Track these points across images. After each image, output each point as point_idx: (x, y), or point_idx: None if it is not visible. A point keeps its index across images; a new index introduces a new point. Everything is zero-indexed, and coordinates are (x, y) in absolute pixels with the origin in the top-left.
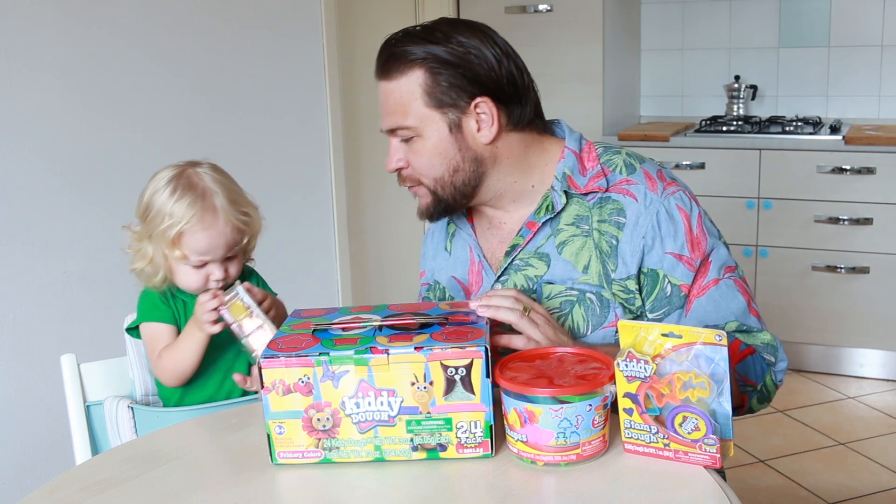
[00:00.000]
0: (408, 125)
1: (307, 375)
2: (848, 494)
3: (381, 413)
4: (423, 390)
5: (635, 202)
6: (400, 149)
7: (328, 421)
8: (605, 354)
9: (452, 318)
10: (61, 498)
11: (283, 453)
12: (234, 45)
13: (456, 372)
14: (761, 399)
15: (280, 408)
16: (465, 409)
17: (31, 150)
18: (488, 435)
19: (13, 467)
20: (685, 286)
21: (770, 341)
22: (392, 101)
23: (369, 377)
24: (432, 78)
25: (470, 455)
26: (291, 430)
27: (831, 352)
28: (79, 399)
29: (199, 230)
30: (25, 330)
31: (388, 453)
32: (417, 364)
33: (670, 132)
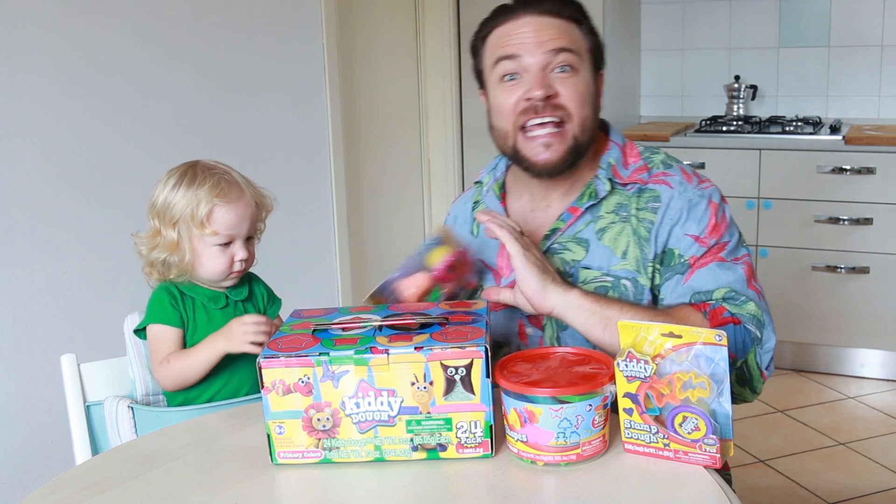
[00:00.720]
0: (576, 51)
1: (307, 375)
2: (848, 494)
3: (381, 413)
4: (423, 390)
5: (670, 188)
6: (548, 79)
7: (328, 421)
8: (605, 354)
9: (453, 318)
10: (61, 498)
11: (283, 453)
12: (234, 44)
13: (456, 372)
14: (741, 380)
15: (280, 408)
16: (465, 409)
17: (31, 149)
18: (488, 435)
19: (13, 467)
20: (693, 258)
21: (755, 313)
22: (559, 29)
23: (369, 377)
24: (589, 31)
25: (470, 455)
26: (291, 430)
27: (831, 352)
28: (79, 399)
29: (227, 203)
30: (25, 330)
31: (388, 453)
32: (417, 364)
33: (670, 132)
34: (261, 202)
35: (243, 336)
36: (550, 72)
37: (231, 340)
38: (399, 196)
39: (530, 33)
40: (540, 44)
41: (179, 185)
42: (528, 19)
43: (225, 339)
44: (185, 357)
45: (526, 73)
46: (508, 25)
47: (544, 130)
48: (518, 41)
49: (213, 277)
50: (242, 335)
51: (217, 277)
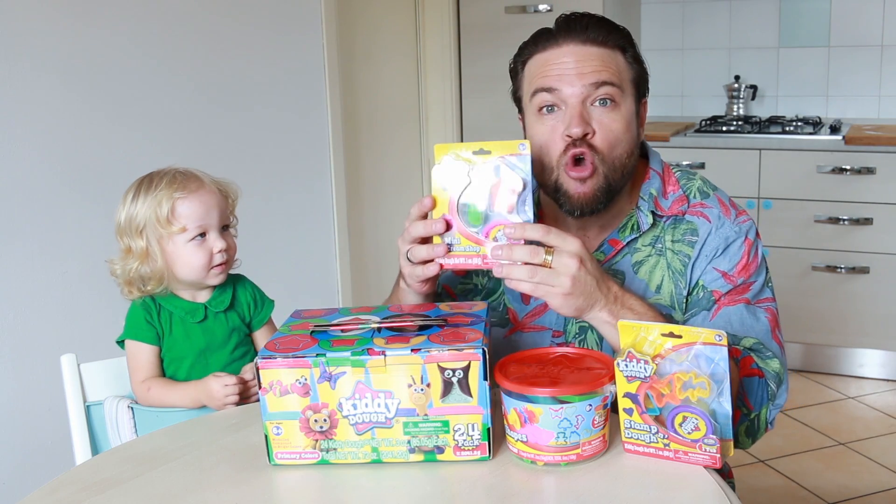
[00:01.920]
0: (618, 84)
1: (304, 376)
2: (848, 494)
3: (378, 415)
4: (421, 392)
5: (708, 223)
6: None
7: (325, 422)
8: (605, 355)
9: (451, 320)
10: (61, 498)
11: (281, 454)
12: (234, 44)
13: (453, 374)
14: (749, 431)
15: (277, 409)
16: (462, 412)
17: (31, 149)
18: (486, 437)
19: (13, 467)
20: (717, 292)
21: (779, 371)
22: (602, 60)
23: (366, 379)
24: (633, 59)
25: (467, 458)
26: (289, 431)
27: (831, 352)
28: (79, 399)
29: (188, 195)
30: (25, 330)
31: (385, 455)
32: (414, 366)
33: (670, 132)
34: (224, 190)
35: (223, 399)
36: (591, 105)
37: (210, 400)
38: (399, 196)
39: (571, 63)
40: (581, 75)
41: (136, 196)
42: (571, 48)
43: (206, 396)
44: (165, 393)
45: (565, 106)
46: (549, 53)
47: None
48: (558, 72)
49: (196, 277)
50: (222, 397)
51: (200, 275)
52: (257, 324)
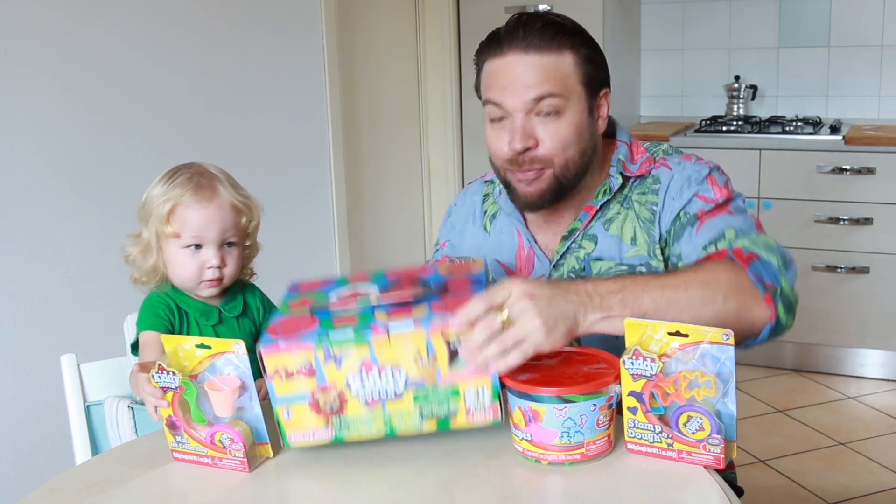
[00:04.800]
0: (561, 93)
1: (309, 360)
2: (848, 494)
3: (386, 389)
4: (428, 363)
5: (669, 170)
6: (530, 126)
7: (335, 401)
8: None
9: (452, 285)
10: (61, 498)
11: (295, 436)
12: (234, 45)
13: (458, 341)
14: (787, 306)
15: (286, 392)
16: (471, 377)
17: (31, 150)
18: (496, 397)
19: (13, 467)
20: (701, 212)
21: (770, 243)
22: (545, 70)
23: (371, 355)
24: (584, 58)
25: (480, 421)
26: (299, 414)
27: (831, 352)
28: (79, 399)
29: (193, 203)
30: (25, 330)
31: (398, 427)
32: (419, 338)
33: (670, 132)
34: (241, 207)
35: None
36: (535, 115)
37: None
38: (399, 196)
39: (514, 77)
40: (524, 89)
41: (161, 181)
42: (514, 58)
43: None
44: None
45: (509, 118)
46: (496, 63)
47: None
48: (501, 85)
49: (184, 285)
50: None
51: (187, 285)
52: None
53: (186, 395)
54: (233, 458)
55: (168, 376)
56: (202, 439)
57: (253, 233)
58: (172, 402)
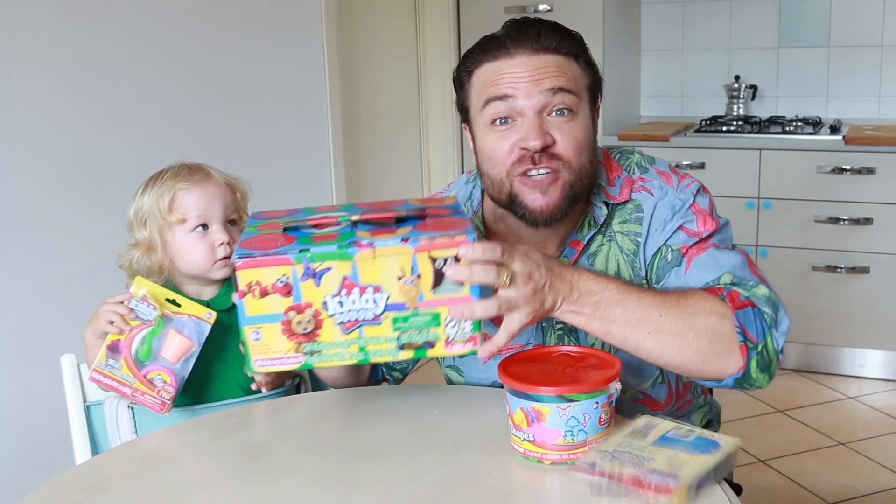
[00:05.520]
0: (575, 91)
1: (286, 275)
2: (848, 494)
3: (365, 311)
4: (411, 284)
5: (651, 196)
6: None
7: (309, 323)
8: (608, 353)
9: (430, 212)
10: (61, 498)
11: (261, 361)
12: (234, 45)
13: (444, 263)
14: (762, 365)
15: (257, 312)
16: (454, 303)
17: (31, 151)
18: (478, 328)
19: (13, 467)
20: (684, 248)
21: (769, 295)
22: (558, 67)
23: (353, 273)
24: (587, 65)
25: (458, 351)
26: (269, 336)
27: (831, 352)
28: (79, 399)
29: (191, 185)
30: (25, 330)
31: (373, 354)
32: (405, 257)
33: (670, 132)
34: (232, 185)
35: (104, 315)
36: (547, 115)
37: (95, 321)
38: (399, 196)
39: (525, 72)
40: (537, 82)
41: (145, 189)
42: (523, 58)
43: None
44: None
45: (520, 118)
46: (500, 63)
47: (541, 175)
48: (510, 80)
49: (198, 270)
50: (103, 314)
51: (202, 268)
52: None
53: (151, 332)
54: (156, 398)
55: (147, 307)
56: (136, 371)
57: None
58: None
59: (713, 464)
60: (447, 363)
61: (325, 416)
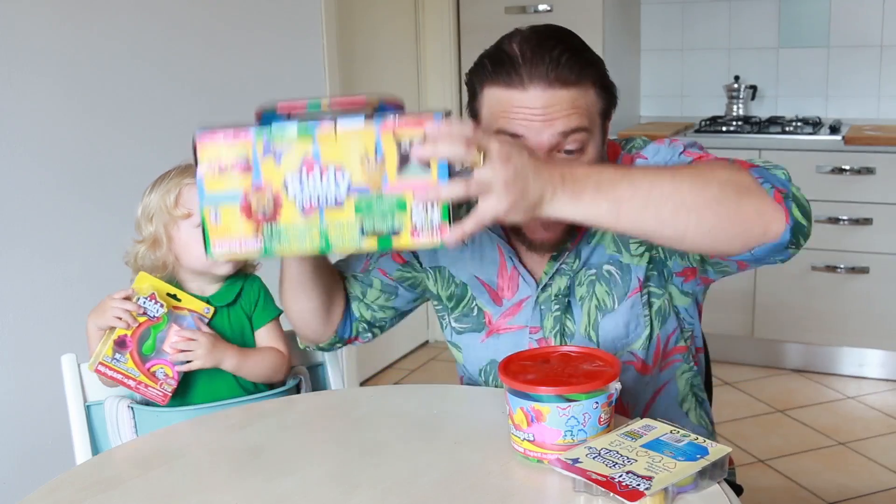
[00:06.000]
0: (587, 128)
1: (246, 153)
2: (848, 494)
3: (326, 192)
4: (375, 166)
5: (645, 160)
6: None
7: (269, 204)
8: (608, 353)
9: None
10: (61, 498)
11: (220, 243)
12: (234, 45)
13: (410, 145)
14: (803, 211)
15: (216, 189)
16: (420, 188)
17: (31, 152)
18: (446, 216)
19: (13, 467)
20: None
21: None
22: (572, 104)
23: (314, 152)
24: (602, 88)
25: (425, 241)
26: (228, 217)
27: (831, 352)
28: (79, 399)
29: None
30: (25, 330)
31: (335, 241)
32: (368, 136)
33: (670, 132)
34: None
35: (112, 311)
36: (557, 151)
37: (102, 316)
38: None
39: (538, 110)
40: (549, 123)
41: (153, 188)
42: (537, 92)
43: (96, 314)
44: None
45: None
46: (512, 94)
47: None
48: (522, 117)
49: (202, 265)
50: (111, 310)
51: (206, 264)
52: (258, 320)
53: (156, 327)
54: (158, 390)
55: (155, 305)
56: (141, 365)
57: None
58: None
59: (694, 472)
60: (449, 338)
61: (325, 416)
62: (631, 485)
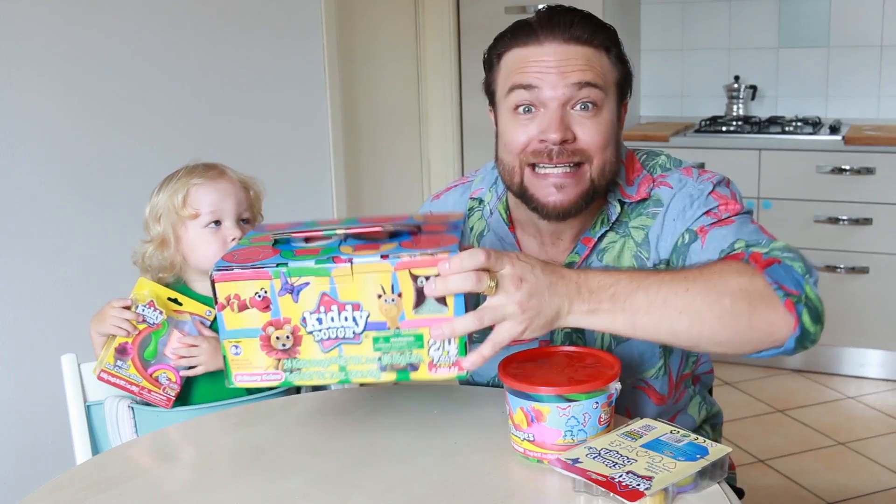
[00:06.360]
0: (602, 86)
1: (264, 289)
2: (848, 494)
3: (345, 329)
4: (391, 303)
5: (670, 189)
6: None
7: (288, 339)
8: (608, 353)
9: (426, 228)
10: (61, 498)
11: (241, 376)
12: (234, 45)
13: (427, 282)
14: (813, 316)
15: (236, 325)
16: (436, 324)
17: (31, 151)
18: (463, 352)
19: (13, 467)
20: (701, 228)
21: (787, 245)
22: (587, 60)
23: (331, 289)
24: (618, 59)
25: (443, 375)
26: (249, 351)
27: (831, 352)
28: (79, 399)
29: (205, 182)
30: (25, 330)
31: (354, 374)
32: (384, 274)
33: (670, 132)
34: (247, 183)
35: (111, 320)
36: (571, 108)
37: (102, 323)
38: (399, 196)
39: (552, 62)
40: (563, 75)
41: (161, 188)
42: (553, 47)
43: (97, 321)
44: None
45: (543, 108)
46: (529, 50)
47: (557, 170)
48: (537, 70)
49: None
50: (110, 318)
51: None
52: None
53: (156, 333)
54: (161, 395)
55: (154, 312)
56: (143, 371)
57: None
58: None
59: (694, 472)
60: None
61: (325, 416)
62: (631, 485)
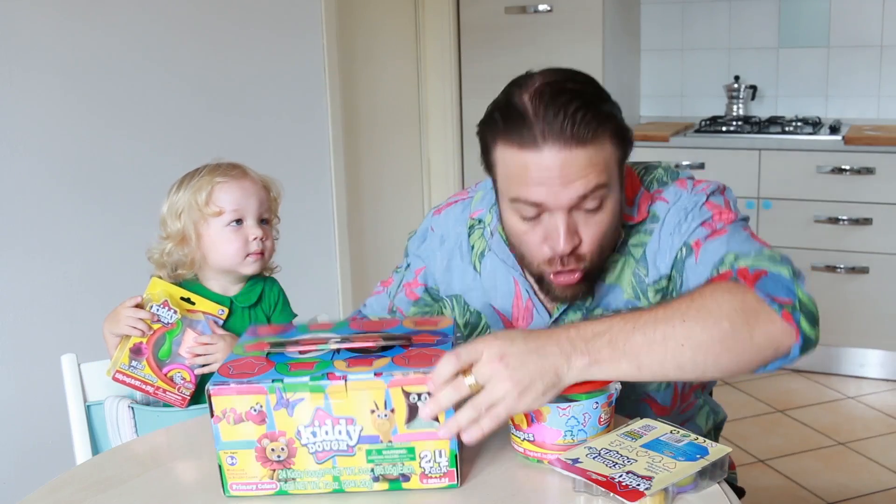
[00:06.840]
0: (606, 183)
1: (259, 403)
2: (847, 494)
3: (339, 442)
4: (384, 418)
5: (665, 203)
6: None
7: (283, 451)
8: None
9: (417, 339)
10: (61, 498)
11: (237, 485)
12: (234, 45)
13: (418, 398)
14: (810, 320)
15: (231, 437)
16: (428, 438)
17: (31, 151)
18: (454, 464)
19: (13, 467)
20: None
21: (771, 253)
22: (590, 163)
23: (326, 405)
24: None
25: (435, 486)
26: (244, 461)
27: (831, 352)
28: (79, 399)
29: (230, 180)
30: (25, 330)
31: (347, 484)
32: (378, 391)
33: (670, 132)
34: (268, 184)
35: (125, 320)
36: (577, 210)
37: (116, 324)
38: (399, 196)
39: (555, 173)
40: (567, 185)
41: (180, 186)
42: (553, 154)
43: (110, 322)
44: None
45: (549, 216)
46: (527, 156)
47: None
48: (539, 182)
49: (230, 264)
50: (124, 319)
51: (234, 262)
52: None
53: (170, 332)
54: (177, 394)
55: (168, 312)
56: (158, 371)
57: (276, 208)
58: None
59: (694, 471)
60: None
61: None
62: (631, 485)
